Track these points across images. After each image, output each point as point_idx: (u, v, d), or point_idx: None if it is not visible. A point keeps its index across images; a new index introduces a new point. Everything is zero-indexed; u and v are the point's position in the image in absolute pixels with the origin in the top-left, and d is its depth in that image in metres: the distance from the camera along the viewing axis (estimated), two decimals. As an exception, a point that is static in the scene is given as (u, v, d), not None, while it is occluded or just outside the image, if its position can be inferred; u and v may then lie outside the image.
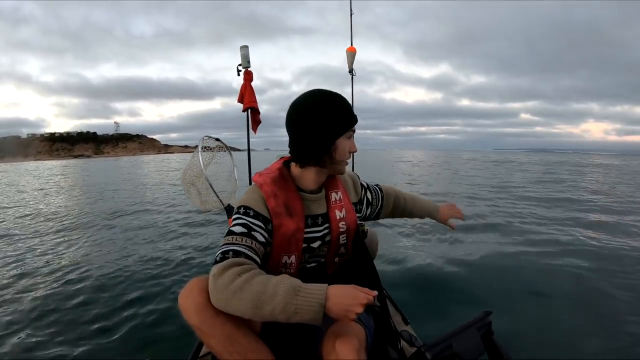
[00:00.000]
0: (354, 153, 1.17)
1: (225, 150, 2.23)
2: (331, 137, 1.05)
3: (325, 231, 1.14)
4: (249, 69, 2.07)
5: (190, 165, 2.09)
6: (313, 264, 1.18)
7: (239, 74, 2.08)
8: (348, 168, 1.21)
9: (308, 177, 1.12)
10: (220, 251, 0.94)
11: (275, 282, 0.85)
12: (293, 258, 1.09)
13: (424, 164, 27.56)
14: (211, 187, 2.07)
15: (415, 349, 1.16)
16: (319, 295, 0.83)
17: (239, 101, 2.11)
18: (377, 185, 1.42)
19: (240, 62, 2.07)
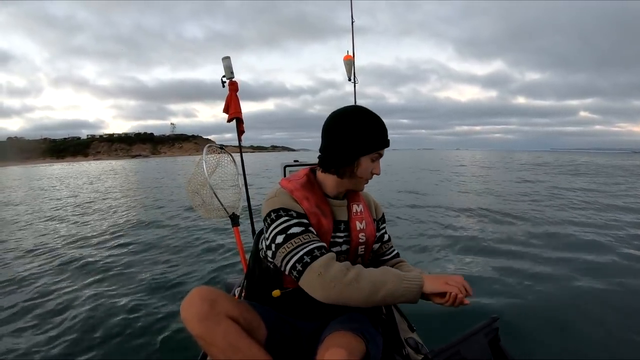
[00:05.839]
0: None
1: (228, 156, 2.21)
2: (356, 152, 1.09)
3: (346, 239, 1.17)
4: (233, 80, 2.10)
5: (194, 174, 2.08)
6: None
7: (223, 86, 2.10)
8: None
9: (328, 182, 1.16)
10: (302, 253, 0.99)
11: (381, 272, 0.98)
12: None
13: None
14: (215, 195, 2.03)
15: (422, 356, 1.16)
16: (418, 281, 0.97)
17: (224, 111, 2.12)
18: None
19: (224, 73, 2.08)
